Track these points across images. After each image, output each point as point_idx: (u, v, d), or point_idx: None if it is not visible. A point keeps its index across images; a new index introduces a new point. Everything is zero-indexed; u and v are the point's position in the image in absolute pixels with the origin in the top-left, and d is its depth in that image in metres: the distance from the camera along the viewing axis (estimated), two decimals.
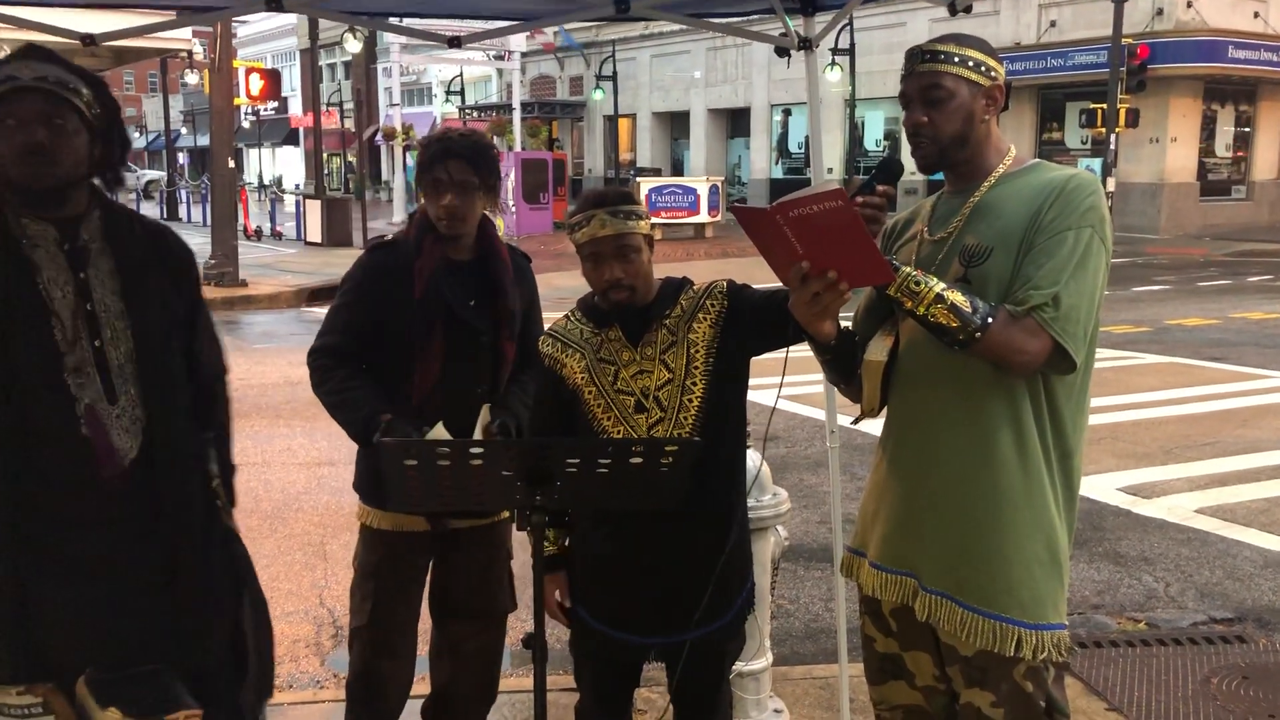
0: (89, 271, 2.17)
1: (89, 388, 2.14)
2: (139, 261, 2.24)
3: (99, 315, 2.17)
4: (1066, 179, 2.15)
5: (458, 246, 2.92)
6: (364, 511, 3.02)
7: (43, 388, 2.12)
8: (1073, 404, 2.19)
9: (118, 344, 2.18)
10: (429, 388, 2.84)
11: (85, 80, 2.15)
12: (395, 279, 2.86)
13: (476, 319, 2.90)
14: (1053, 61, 24.85)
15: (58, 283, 2.14)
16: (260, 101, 27.85)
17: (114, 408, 2.17)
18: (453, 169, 2.81)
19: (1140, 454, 7.33)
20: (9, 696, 2.08)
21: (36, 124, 2.06)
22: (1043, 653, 2.15)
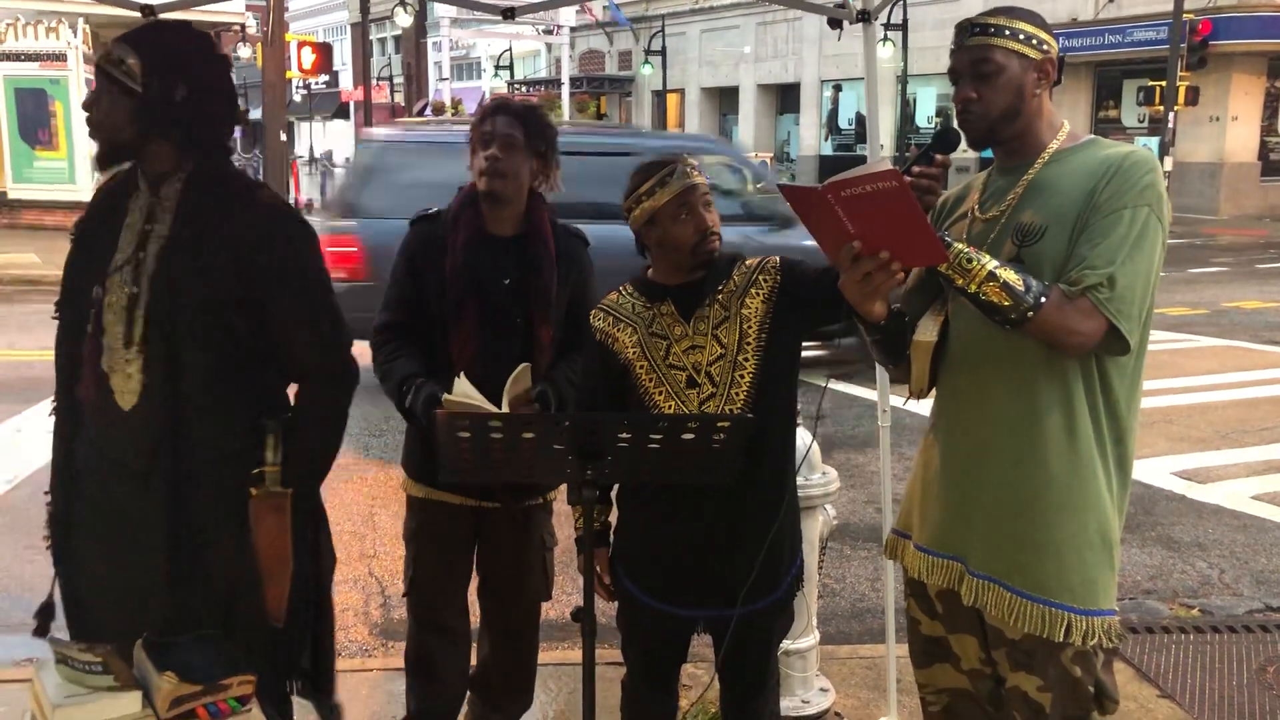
0: (154, 226, 2.32)
1: (115, 327, 2.29)
2: (195, 230, 2.27)
3: (143, 266, 2.29)
4: (1123, 156, 2.09)
5: (500, 220, 2.85)
6: (405, 480, 3.05)
7: (79, 312, 2.34)
8: (1126, 386, 2.15)
9: (143, 297, 2.29)
10: (468, 362, 2.79)
11: (135, 50, 2.27)
12: (434, 252, 2.85)
13: (509, 297, 2.84)
14: (1110, 38, 24.37)
15: (133, 228, 2.32)
16: (312, 75, 28.07)
17: (126, 351, 2.28)
18: (499, 123, 2.78)
19: (1195, 438, 7.20)
20: (73, 650, 2.12)
21: (91, 94, 2.33)
22: (1092, 638, 2.12)
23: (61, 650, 2.12)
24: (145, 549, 2.29)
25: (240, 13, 18.24)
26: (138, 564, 2.30)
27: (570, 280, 2.94)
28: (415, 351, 2.86)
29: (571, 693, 3.67)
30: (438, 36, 33.35)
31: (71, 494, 2.37)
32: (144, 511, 2.29)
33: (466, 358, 2.80)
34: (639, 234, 2.50)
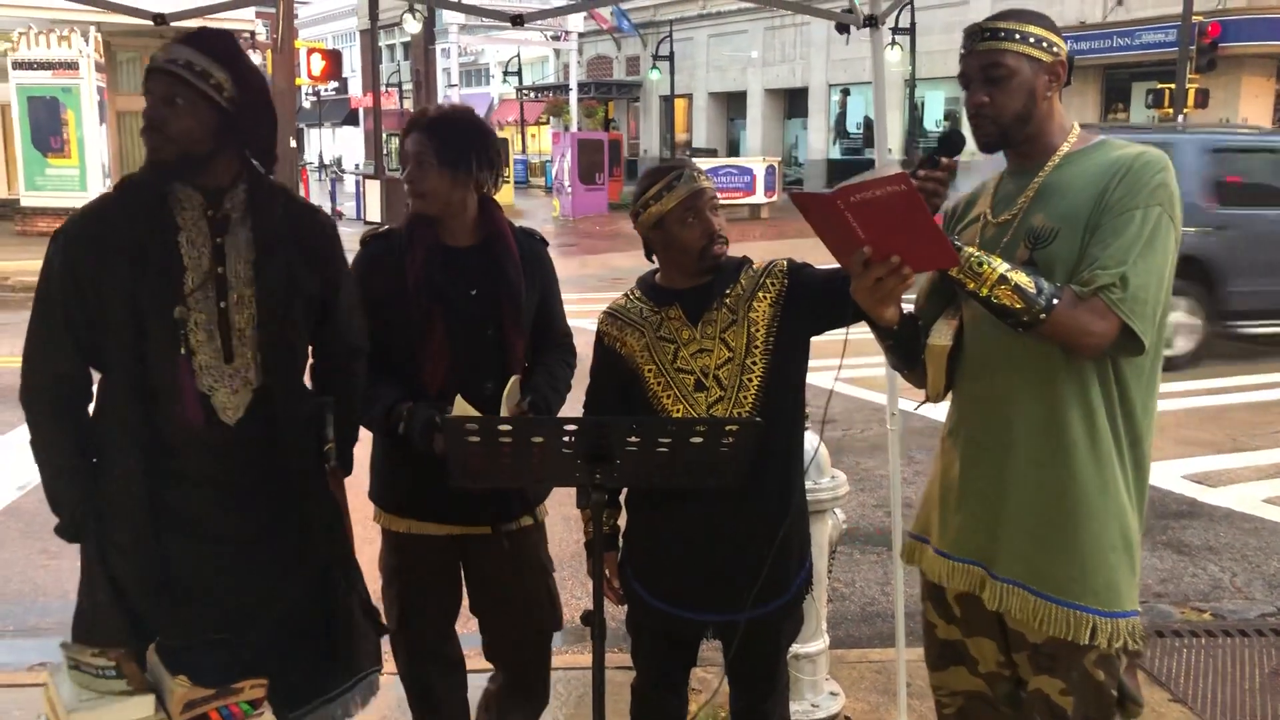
0: (226, 238, 2.32)
1: (208, 346, 2.28)
2: (275, 236, 2.36)
3: (229, 279, 2.30)
4: (1134, 156, 2.09)
5: (454, 232, 2.77)
6: (379, 514, 2.93)
7: (161, 334, 2.26)
8: (1143, 388, 2.15)
9: (242, 309, 2.32)
10: (441, 381, 2.70)
11: (222, 64, 2.26)
12: (390, 270, 2.73)
13: (478, 309, 2.75)
14: (1119, 40, 24.30)
15: (195, 243, 2.29)
16: (321, 82, 28.16)
17: (228, 366, 2.30)
18: (409, 142, 2.71)
19: (1206, 441, 7.18)
20: (84, 655, 2.14)
21: (160, 102, 2.24)
22: (1118, 641, 2.11)
23: (74, 656, 2.13)
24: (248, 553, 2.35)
25: (250, 20, 18.31)
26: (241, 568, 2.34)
27: (537, 283, 2.87)
28: (386, 375, 2.73)
29: (581, 697, 3.67)
30: (446, 43, 33.46)
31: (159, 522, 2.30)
32: (243, 521, 2.34)
33: (440, 374, 2.71)
34: (646, 238, 2.51)
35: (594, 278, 15.37)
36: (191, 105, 2.23)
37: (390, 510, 2.89)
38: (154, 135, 2.24)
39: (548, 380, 2.84)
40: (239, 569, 2.34)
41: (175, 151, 2.24)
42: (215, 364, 2.28)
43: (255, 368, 2.32)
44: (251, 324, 2.32)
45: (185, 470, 2.29)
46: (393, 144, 46.64)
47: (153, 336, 2.25)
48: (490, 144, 2.82)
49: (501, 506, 2.80)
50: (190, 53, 2.24)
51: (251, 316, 2.31)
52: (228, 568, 2.32)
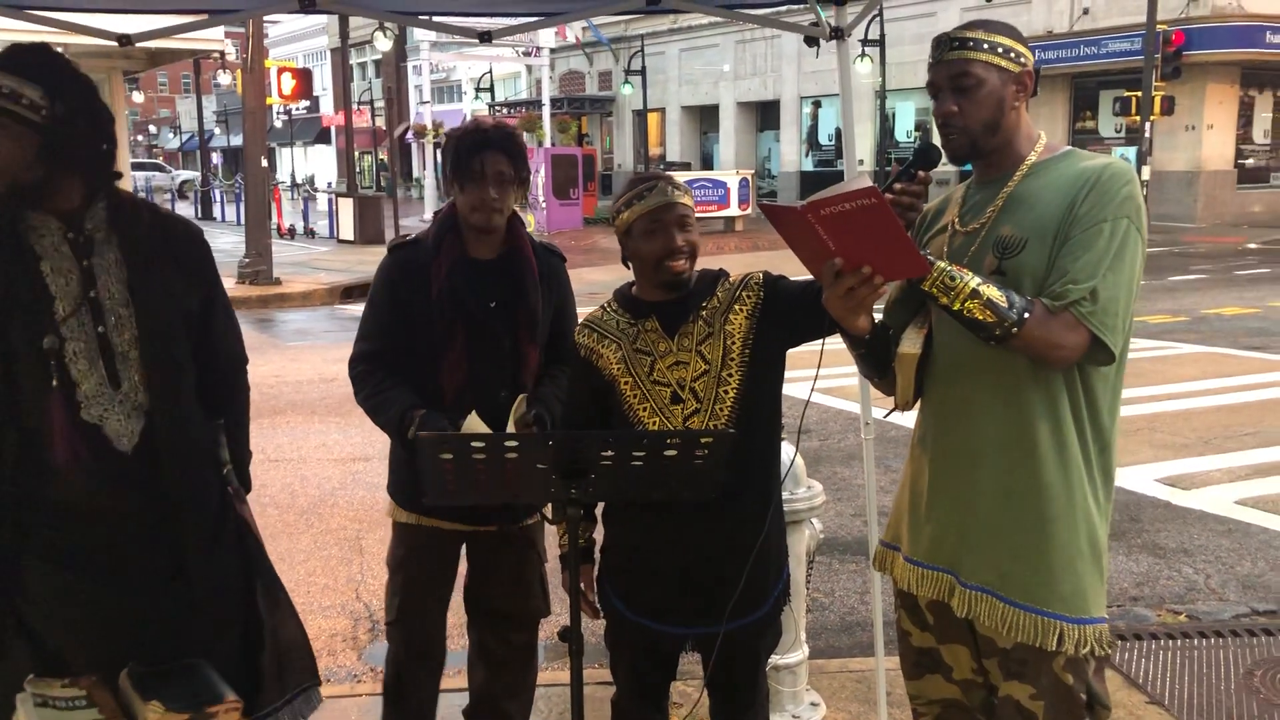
0: (94, 260, 2.22)
1: (91, 374, 2.18)
2: (146, 251, 2.28)
3: (103, 302, 2.21)
4: (1101, 168, 2.11)
5: (481, 244, 2.85)
6: (392, 507, 3.01)
7: (39, 373, 2.16)
8: (1109, 395, 2.17)
9: (122, 330, 2.23)
10: (458, 388, 2.79)
11: (34, 80, 2.12)
12: (415, 279, 2.81)
13: (496, 320, 2.83)
14: (1086, 49, 24.58)
15: (61, 270, 2.19)
16: (292, 101, 28.06)
17: (116, 392, 2.21)
18: (489, 161, 2.75)
19: (1179, 444, 7.24)
20: (53, 688, 2.11)
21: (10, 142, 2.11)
22: (1085, 647, 2.12)
23: (40, 692, 2.10)
24: (143, 578, 2.27)
25: (219, 40, 18.22)
26: (133, 593, 2.26)
27: (553, 298, 2.95)
28: (404, 381, 2.83)
29: (561, 713, 3.66)
30: (418, 60, 33.43)
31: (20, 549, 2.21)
32: (135, 545, 2.26)
33: (456, 383, 2.79)
34: (621, 245, 2.52)
35: None
36: (5, 130, 2.10)
37: (403, 505, 2.97)
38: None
39: (555, 391, 2.90)
40: (142, 601, 2.25)
41: (2, 183, 2.12)
42: (102, 391, 2.19)
43: (142, 390, 2.23)
44: (134, 345, 2.23)
45: (70, 504, 2.19)
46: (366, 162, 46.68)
47: (24, 373, 2.15)
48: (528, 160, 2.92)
49: (510, 510, 2.88)
50: (6, 78, 2.10)
51: (133, 337, 2.23)
52: (127, 602, 2.24)
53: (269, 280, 16.11)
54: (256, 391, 2.71)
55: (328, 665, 4.28)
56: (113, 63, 11.29)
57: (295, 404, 8.55)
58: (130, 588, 2.24)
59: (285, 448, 7.40)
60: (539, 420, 2.77)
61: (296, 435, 7.68)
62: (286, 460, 7.14)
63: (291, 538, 5.71)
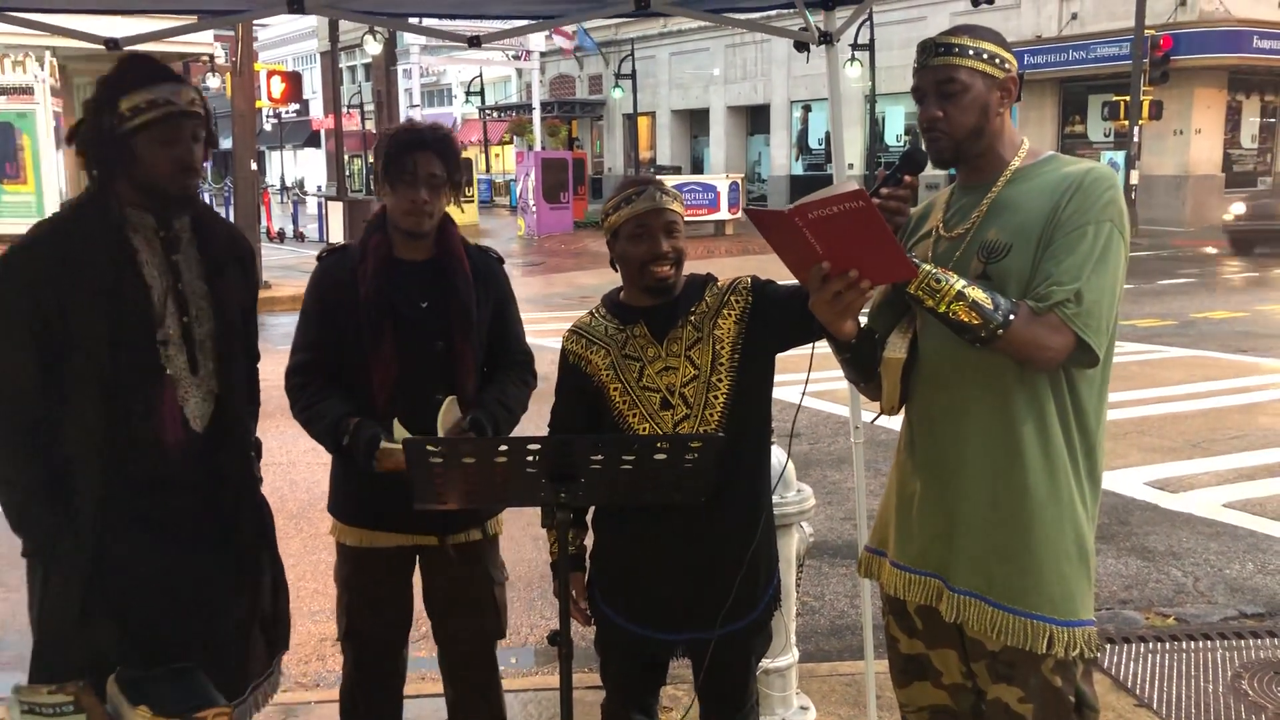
0: (179, 256, 2.41)
1: (177, 359, 2.38)
2: (220, 252, 2.49)
3: (187, 295, 2.41)
4: (1084, 172, 2.13)
5: (412, 246, 2.81)
6: (334, 526, 2.97)
7: (140, 356, 2.34)
8: (1095, 398, 2.18)
9: (202, 322, 2.43)
10: (389, 392, 2.74)
11: (183, 82, 2.36)
12: (344, 284, 2.78)
13: (427, 321, 2.78)
14: (1074, 54, 24.68)
15: (153, 264, 2.38)
16: (282, 104, 27.99)
17: (195, 377, 2.41)
18: (421, 162, 2.72)
19: (1167, 448, 7.27)
20: (39, 695, 2.10)
21: (192, 141, 2.34)
22: (1074, 649, 2.13)
23: (28, 699, 2.09)
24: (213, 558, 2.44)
25: (209, 43, 18.19)
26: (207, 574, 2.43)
27: (490, 299, 2.90)
28: (338, 391, 2.79)
29: (551, 718, 3.65)
30: (408, 64, 33.42)
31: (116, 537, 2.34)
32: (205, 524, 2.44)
33: (388, 386, 2.74)
34: (609, 247, 2.52)
35: (559, 296, 15.37)
36: (197, 133, 2.34)
37: (344, 520, 2.95)
38: (194, 178, 2.37)
39: (497, 397, 2.84)
40: (211, 574, 2.44)
41: (195, 181, 2.38)
42: (185, 376, 2.39)
43: (215, 377, 2.44)
44: (210, 336, 2.43)
45: (161, 479, 2.37)
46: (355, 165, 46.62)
47: (127, 360, 2.31)
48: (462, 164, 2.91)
49: (449, 518, 2.80)
50: (173, 86, 2.32)
51: (211, 329, 2.43)
52: (202, 574, 2.42)
53: (258, 284, 16.07)
54: None
55: (317, 670, 4.27)
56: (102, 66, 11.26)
57: (285, 408, 8.47)
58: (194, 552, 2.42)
59: (275, 451, 7.37)
60: (475, 426, 2.71)
61: (286, 439, 7.65)
62: (276, 464, 7.11)
63: (282, 542, 5.64)
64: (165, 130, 2.27)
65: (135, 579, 2.33)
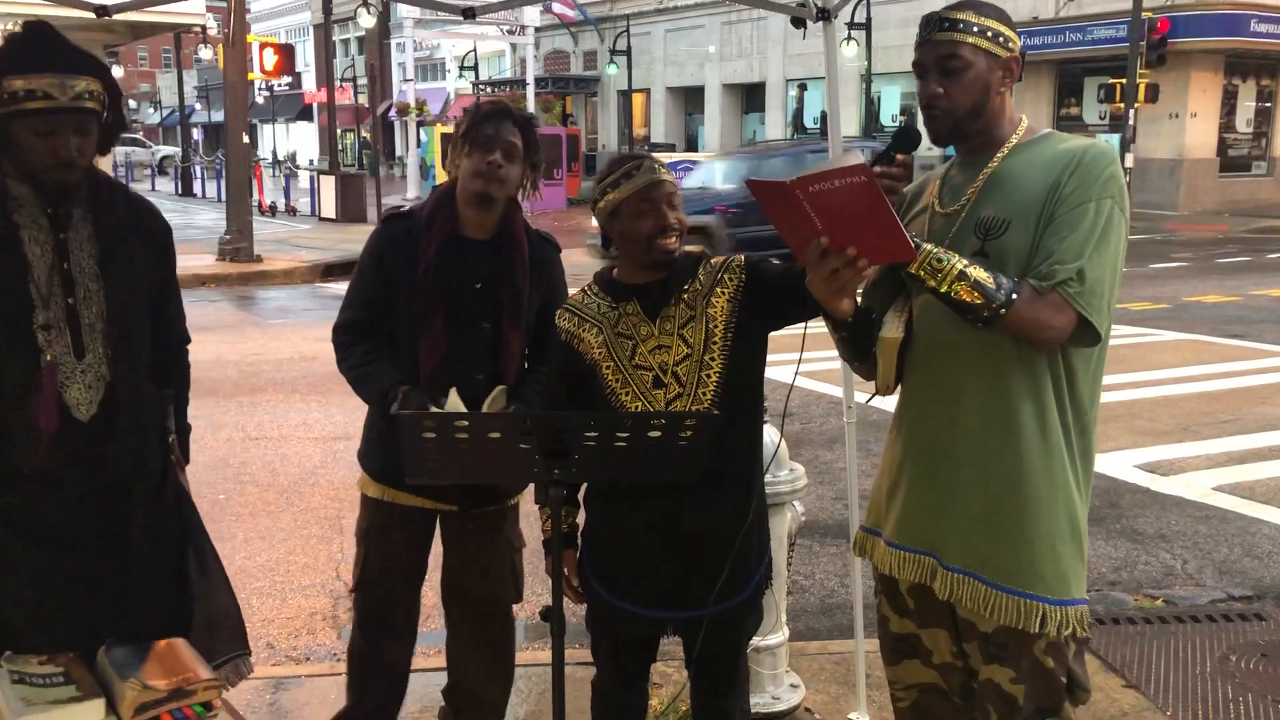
0: (69, 234, 2.30)
1: (57, 343, 2.26)
2: (118, 230, 2.37)
3: (74, 275, 2.28)
4: (1084, 149, 2.11)
5: (477, 224, 2.82)
6: (362, 479, 3.00)
7: (15, 339, 2.23)
8: (1090, 378, 2.17)
9: (90, 303, 2.30)
10: (433, 367, 2.77)
11: (92, 73, 2.24)
12: (405, 252, 2.80)
13: (479, 302, 2.81)
14: (1071, 36, 24.61)
15: (38, 241, 2.26)
16: (274, 77, 27.86)
17: (79, 363, 2.29)
18: (503, 129, 2.74)
19: (1158, 431, 7.29)
20: (30, 665, 2.09)
21: (72, 135, 2.22)
22: (1067, 629, 2.13)
23: (17, 669, 2.08)
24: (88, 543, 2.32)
25: (200, 14, 18.05)
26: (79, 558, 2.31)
27: (542, 285, 2.91)
28: (387, 353, 2.83)
29: (542, 693, 3.66)
30: (401, 37, 33.17)
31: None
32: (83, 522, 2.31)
33: (433, 362, 2.76)
34: (604, 227, 2.50)
35: None
36: (88, 130, 2.25)
37: (371, 474, 2.96)
38: (71, 172, 2.25)
39: (536, 389, 2.86)
40: (90, 572, 2.32)
41: (77, 178, 2.27)
42: (66, 360, 2.27)
43: (106, 362, 2.32)
44: (101, 318, 2.31)
45: (35, 471, 2.25)
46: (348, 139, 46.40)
47: (4, 343, 2.21)
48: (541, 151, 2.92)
49: (472, 491, 2.83)
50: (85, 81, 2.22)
51: (100, 311, 2.31)
52: (77, 573, 2.30)
53: (250, 258, 16.01)
54: (237, 369, 2.73)
55: (307, 644, 4.27)
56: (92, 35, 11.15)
57: (276, 382, 8.49)
58: (76, 553, 2.30)
59: (266, 426, 7.36)
60: None
61: (277, 413, 7.65)
62: (267, 438, 7.10)
63: (272, 516, 5.69)
64: (40, 123, 2.17)
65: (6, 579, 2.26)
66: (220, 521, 5.43)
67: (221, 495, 5.98)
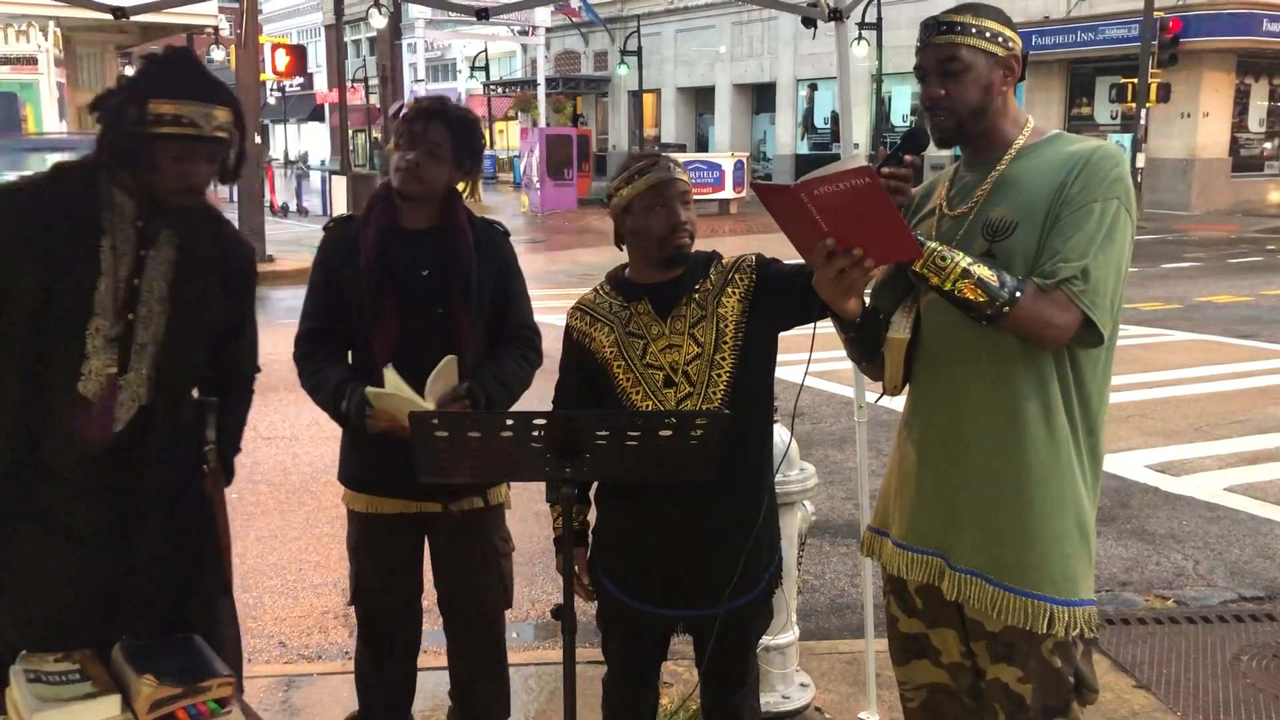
0: (150, 252, 2.29)
1: (104, 352, 2.24)
2: (199, 260, 2.36)
3: (142, 292, 2.28)
4: (1091, 150, 2.11)
5: (414, 214, 2.82)
6: (345, 494, 3.00)
7: (68, 339, 2.22)
8: (1098, 378, 2.17)
9: (149, 324, 2.29)
10: (389, 358, 2.73)
11: (225, 103, 2.27)
12: (348, 253, 2.80)
13: (428, 289, 2.80)
14: (1082, 35, 24.53)
15: (118, 250, 2.26)
16: (286, 77, 27.93)
17: (121, 376, 2.27)
18: (431, 129, 2.74)
19: (1169, 431, 7.27)
20: (46, 663, 2.11)
21: (204, 163, 2.26)
22: (1075, 629, 2.13)
23: (32, 667, 2.10)
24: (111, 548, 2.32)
25: (213, 15, 18.16)
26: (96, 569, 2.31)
27: (492, 271, 2.90)
28: (341, 358, 2.83)
29: (553, 692, 3.67)
30: (413, 38, 33.25)
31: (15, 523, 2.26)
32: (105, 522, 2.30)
33: (389, 352, 2.75)
34: (616, 224, 2.51)
35: (562, 273, 15.36)
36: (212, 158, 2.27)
37: (352, 487, 2.97)
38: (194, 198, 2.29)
39: (495, 373, 2.84)
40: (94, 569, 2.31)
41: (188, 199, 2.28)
42: (105, 372, 2.25)
43: (146, 384, 2.30)
44: (154, 341, 2.30)
45: (58, 468, 2.26)
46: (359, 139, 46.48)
47: (52, 338, 2.21)
48: (482, 154, 2.92)
49: (453, 488, 2.84)
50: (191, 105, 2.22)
51: (156, 334, 2.30)
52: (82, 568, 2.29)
53: (262, 258, 16.05)
54: None
55: (319, 642, 4.29)
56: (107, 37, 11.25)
57: (288, 382, 8.43)
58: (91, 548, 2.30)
59: (278, 425, 7.39)
60: (471, 395, 2.72)
61: (289, 413, 7.67)
62: (279, 438, 7.13)
63: (283, 515, 5.72)
64: (180, 148, 2.20)
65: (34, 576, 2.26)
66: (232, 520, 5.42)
67: (234, 494, 5.96)
